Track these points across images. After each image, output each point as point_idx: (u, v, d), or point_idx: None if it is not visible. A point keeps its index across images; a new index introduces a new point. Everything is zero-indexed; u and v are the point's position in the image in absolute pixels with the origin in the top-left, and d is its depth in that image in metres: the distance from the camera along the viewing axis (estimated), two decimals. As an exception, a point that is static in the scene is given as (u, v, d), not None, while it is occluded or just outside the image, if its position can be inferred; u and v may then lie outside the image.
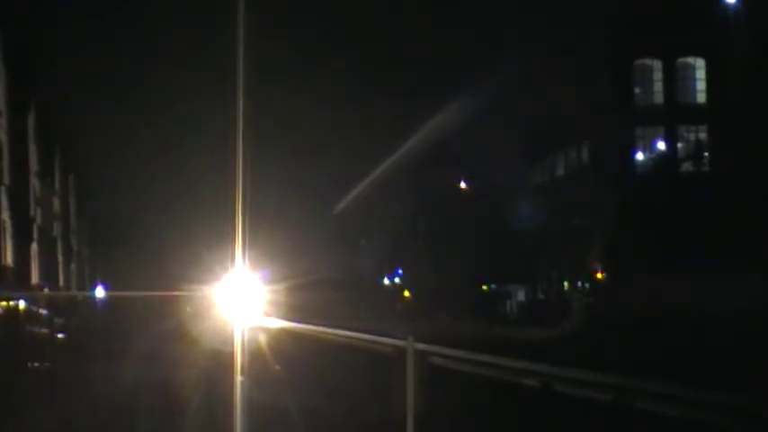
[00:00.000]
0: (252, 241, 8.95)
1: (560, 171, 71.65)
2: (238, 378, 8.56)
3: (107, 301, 53.57)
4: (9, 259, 52.57)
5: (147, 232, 69.80)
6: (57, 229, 67.04)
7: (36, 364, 39.29)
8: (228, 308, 9.21)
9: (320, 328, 24.56)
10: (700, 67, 64.21)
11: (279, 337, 27.36)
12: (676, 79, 64.45)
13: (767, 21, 59.01)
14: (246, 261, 8.61)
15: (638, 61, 65.17)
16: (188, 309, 39.18)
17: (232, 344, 8.85)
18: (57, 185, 68.65)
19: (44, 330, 51.51)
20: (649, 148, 65.33)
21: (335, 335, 21.90)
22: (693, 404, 10.15)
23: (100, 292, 55.63)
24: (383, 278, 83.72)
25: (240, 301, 8.98)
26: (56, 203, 67.77)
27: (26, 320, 47.02)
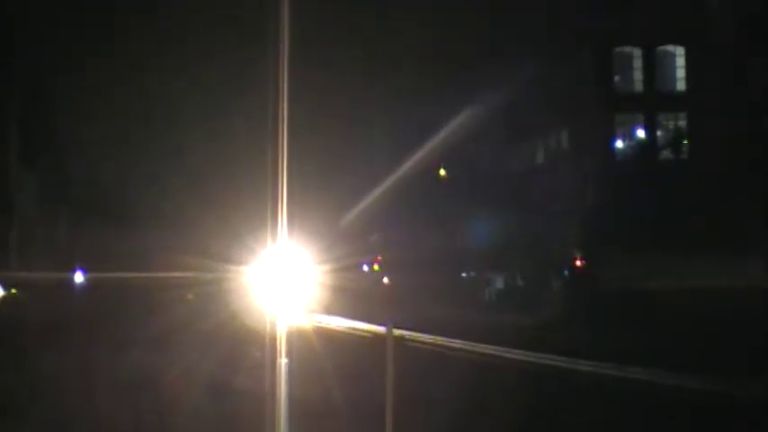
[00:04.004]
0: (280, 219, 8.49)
1: (540, 159, 71.73)
2: (283, 360, 8.39)
3: (88, 287, 52.63)
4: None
5: (145, 207, 65.62)
6: (37, 211, 66.54)
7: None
8: (261, 295, 8.74)
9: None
10: (680, 54, 64.35)
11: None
12: (656, 67, 64.58)
13: (747, 8, 59.28)
14: (289, 236, 8.20)
15: (618, 49, 65.28)
16: (189, 296, 33.62)
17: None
18: (38, 166, 68.00)
19: (22, 315, 50.80)
20: (629, 135, 65.48)
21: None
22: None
23: (79, 277, 54.75)
24: (362, 265, 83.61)
25: (278, 286, 8.56)
26: (36, 185, 67.24)
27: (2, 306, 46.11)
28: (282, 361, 8.42)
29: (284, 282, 8.80)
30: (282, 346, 8.40)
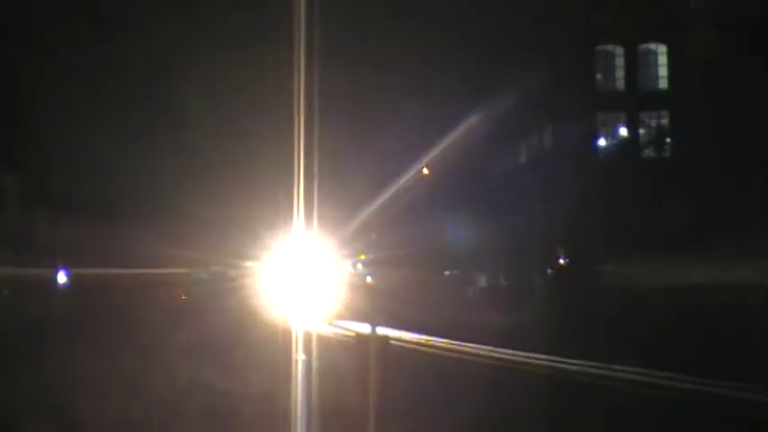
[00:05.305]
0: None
1: (523, 158, 71.78)
2: (301, 357, 8.21)
3: (71, 287, 51.94)
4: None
5: (135, 198, 62.25)
6: (17, 208, 66.15)
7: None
8: (272, 295, 8.50)
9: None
10: (662, 53, 64.49)
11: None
12: (638, 65, 64.70)
13: (728, 7, 59.40)
14: (306, 230, 7.95)
15: (600, 47, 65.39)
16: (183, 296, 29.95)
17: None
18: (18, 158, 67.30)
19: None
20: (611, 133, 65.60)
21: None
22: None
23: (62, 277, 54.13)
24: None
25: (293, 285, 8.32)
26: (15, 181, 66.73)
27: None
28: (299, 357, 8.26)
29: (300, 280, 8.64)
30: (299, 343, 8.25)
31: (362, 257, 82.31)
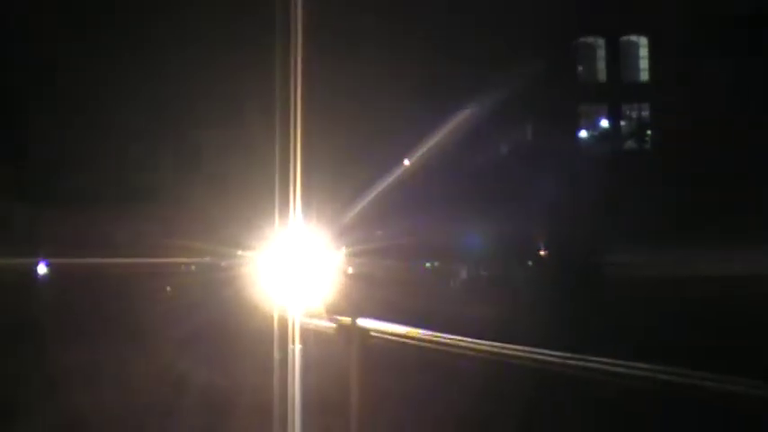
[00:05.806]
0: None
1: (503, 150, 71.72)
2: (297, 346, 8.14)
3: (50, 279, 51.45)
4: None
5: (116, 183, 60.81)
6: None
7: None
8: (267, 287, 8.30)
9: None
10: (643, 45, 64.66)
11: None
12: (620, 57, 64.85)
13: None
14: (303, 218, 7.75)
15: (582, 39, 65.47)
16: (168, 288, 28.98)
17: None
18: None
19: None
20: (593, 125, 65.71)
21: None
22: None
23: (42, 269, 53.59)
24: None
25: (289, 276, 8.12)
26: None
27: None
28: (296, 347, 8.19)
29: (291, 271, 8.50)
30: (296, 332, 8.17)
31: (346, 250, 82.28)
